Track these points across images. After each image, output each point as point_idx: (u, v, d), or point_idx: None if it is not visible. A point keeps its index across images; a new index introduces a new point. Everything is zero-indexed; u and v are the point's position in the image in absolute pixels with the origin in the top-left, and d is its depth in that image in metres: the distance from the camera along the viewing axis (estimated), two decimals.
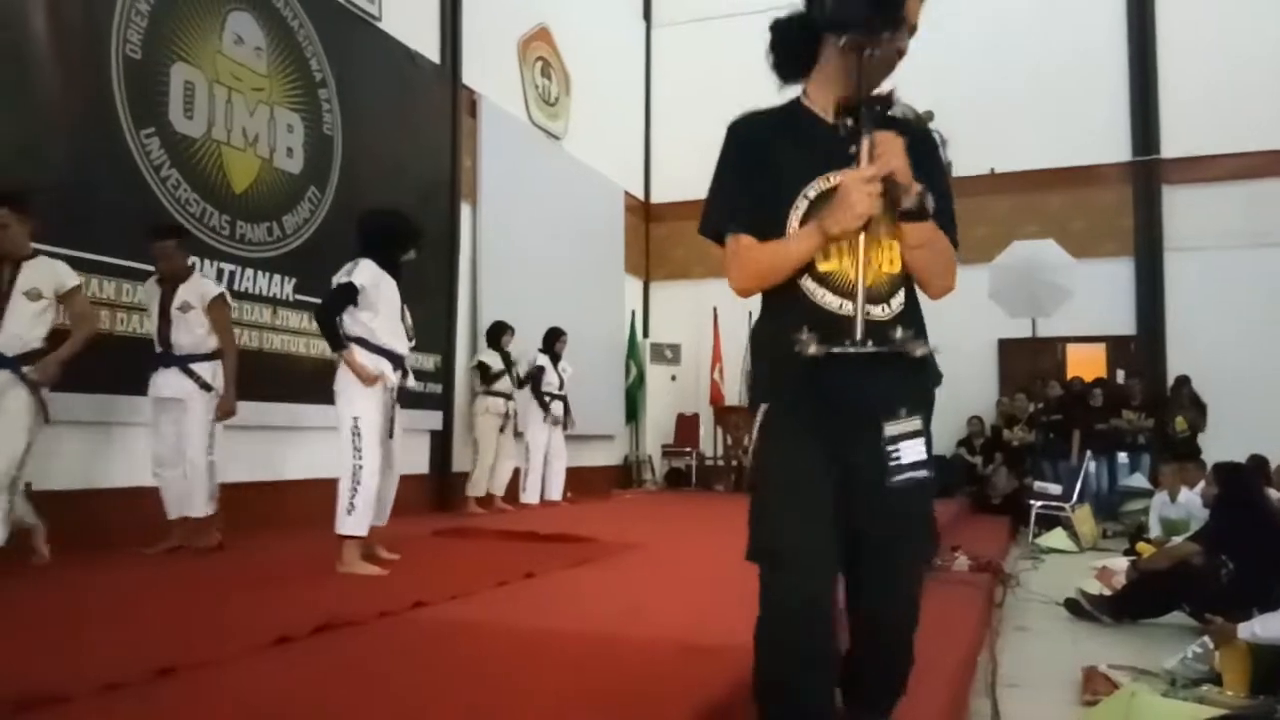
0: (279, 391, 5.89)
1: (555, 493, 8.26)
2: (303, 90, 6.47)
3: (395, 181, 7.31)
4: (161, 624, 2.99)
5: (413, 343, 4.53)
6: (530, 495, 7.96)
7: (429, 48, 7.96)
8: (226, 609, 3.25)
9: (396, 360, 4.31)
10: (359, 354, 4.16)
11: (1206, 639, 3.57)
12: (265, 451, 5.93)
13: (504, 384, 7.60)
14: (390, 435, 4.30)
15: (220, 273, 5.68)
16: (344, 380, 4.16)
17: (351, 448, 4.06)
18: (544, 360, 8.08)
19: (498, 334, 7.69)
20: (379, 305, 4.22)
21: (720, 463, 11.37)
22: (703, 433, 11.70)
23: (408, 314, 4.49)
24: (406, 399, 7.08)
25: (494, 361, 7.59)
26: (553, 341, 8.15)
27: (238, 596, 3.47)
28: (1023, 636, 4.57)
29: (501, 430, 7.61)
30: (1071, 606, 4.94)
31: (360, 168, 6.88)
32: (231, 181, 5.84)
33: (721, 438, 11.31)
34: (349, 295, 4.16)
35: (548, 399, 8.03)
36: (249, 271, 5.90)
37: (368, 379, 4.10)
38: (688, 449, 11.65)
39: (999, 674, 3.72)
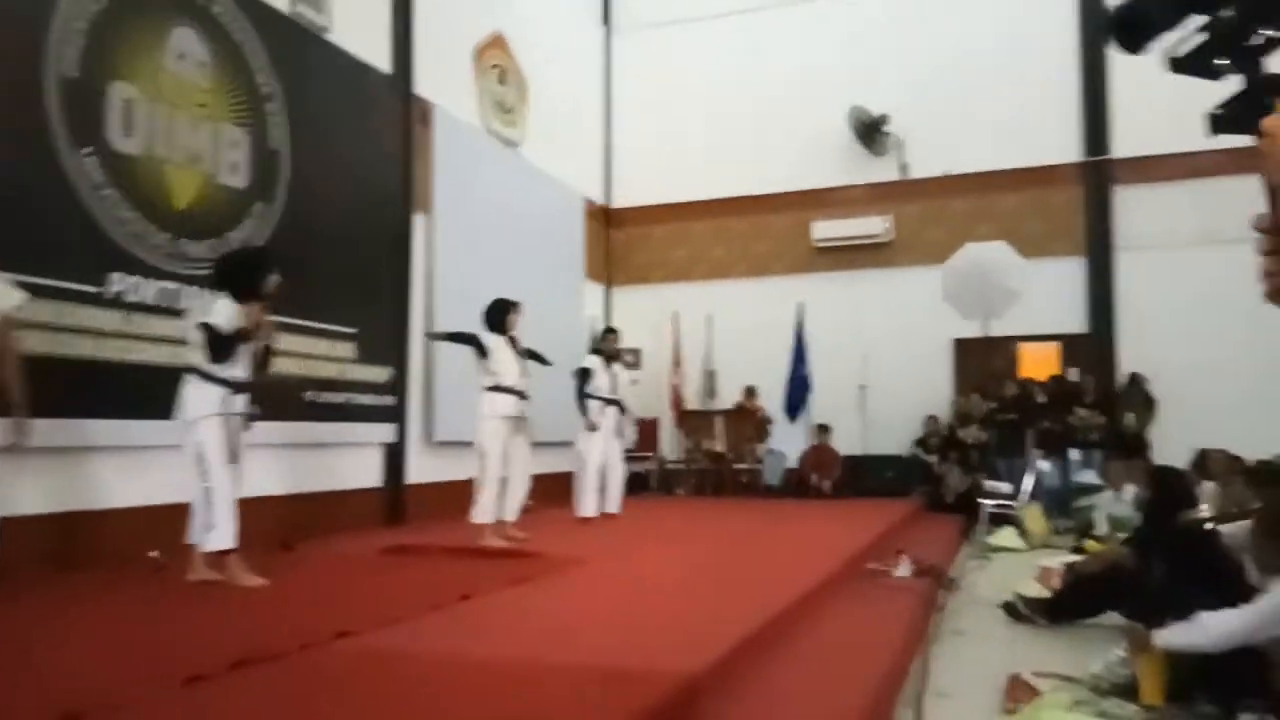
0: None
1: (614, 505, 7.81)
2: (248, 105, 6.43)
3: (346, 194, 7.31)
4: (60, 665, 2.96)
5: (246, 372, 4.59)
6: (586, 508, 7.51)
7: (380, 59, 7.94)
8: (131, 645, 3.21)
9: (234, 388, 4.46)
10: (196, 383, 4.41)
11: None
12: None
13: (515, 379, 6.19)
14: (234, 460, 4.46)
15: (162, 291, 5.64)
16: (185, 408, 4.42)
17: (199, 470, 4.33)
18: (593, 362, 7.68)
19: (502, 314, 6.32)
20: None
21: (682, 466, 11.42)
22: (663, 437, 11.75)
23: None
24: (354, 414, 7.20)
25: (498, 347, 6.21)
26: (603, 340, 7.89)
27: (141, 630, 3.45)
28: (959, 641, 4.64)
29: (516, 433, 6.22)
30: (1009, 610, 5.02)
31: (309, 181, 6.86)
32: (172, 199, 5.80)
33: (682, 442, 11.37)
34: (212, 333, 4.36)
35: (600, 403, 7.59)
36: (192, 289, 5.85)
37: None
38: (648, 454, 11.69)
39: (930, 682, 3.79)
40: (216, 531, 4.31)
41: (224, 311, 4.41)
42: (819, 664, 3.46)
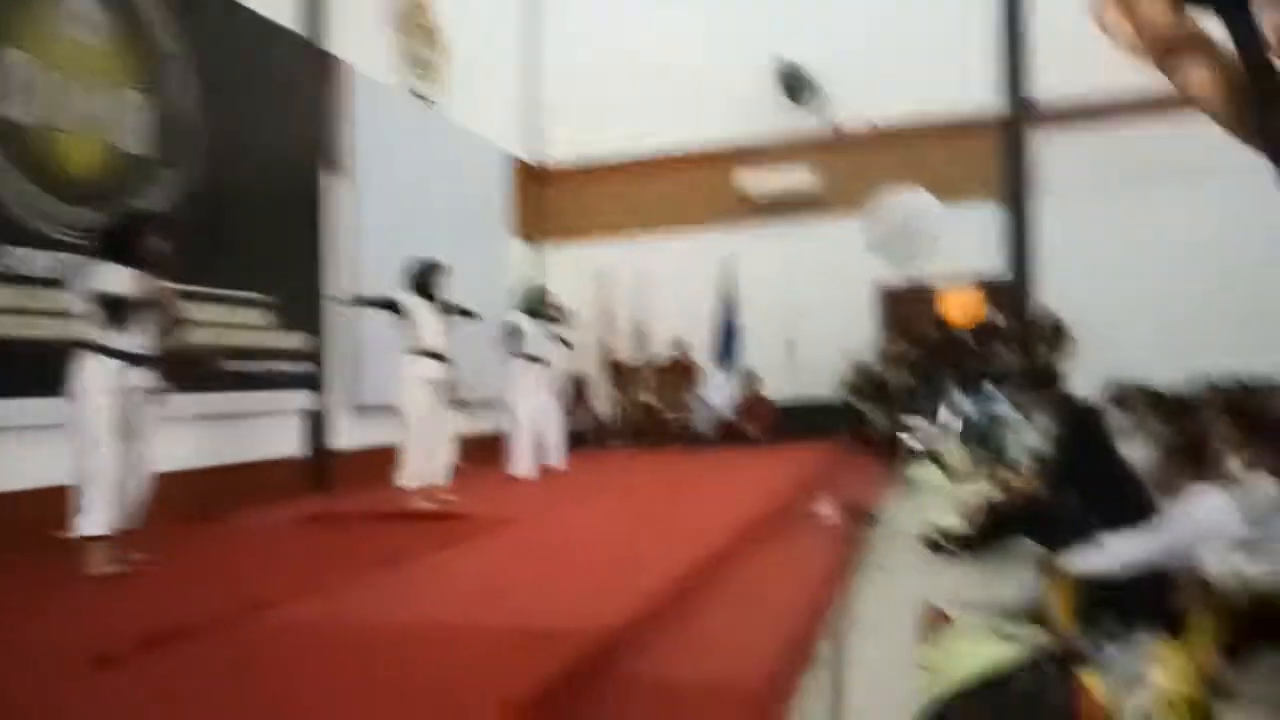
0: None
1: (556, 458, 7.97)
2: (149, 68, 6.14)
3: (257, 157, 7.06)
4: None
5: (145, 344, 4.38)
6: (521, 466, 7.60)
7: (287, 15, 7.63)
8: (34, 630, 3.13)
9: (133, 360, 4.24)
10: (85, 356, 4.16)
11: None
12: None
13: (436, 342, 6.09)
14: (135, 437, 4.25)
15: (61, 263, 5.41)
16: (72, 382, 4.16)
17: (82, 450, 4.08)
18: (523, 320, 7.80)
19: (426, 275, 6.20)
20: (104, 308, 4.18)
21: (615, 421, 11.46)
22: (597, 392, 11.76)
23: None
24: (270, 381, 7.04)
25: (419, 309, 6.08)
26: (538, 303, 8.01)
27: (46, 616, 3.35)
28: (881, 576, 4.79)
29: (446, 401, 6.19)
30: (929, 543, 5.18)
31: (218, 145, 6.59)
32: (70, 167, 5.55)
33: (615, 396, 11.40)
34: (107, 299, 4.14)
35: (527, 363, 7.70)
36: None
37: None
38: (581, 409, 11.69)
39: (852, 616, 3.90)
40: (93, 516, 4.04)
41: (111, 277, 4.16)
42: (742, 607, 3.54)
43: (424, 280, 6.17)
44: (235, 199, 6.78)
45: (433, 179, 9.45)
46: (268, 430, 7.19)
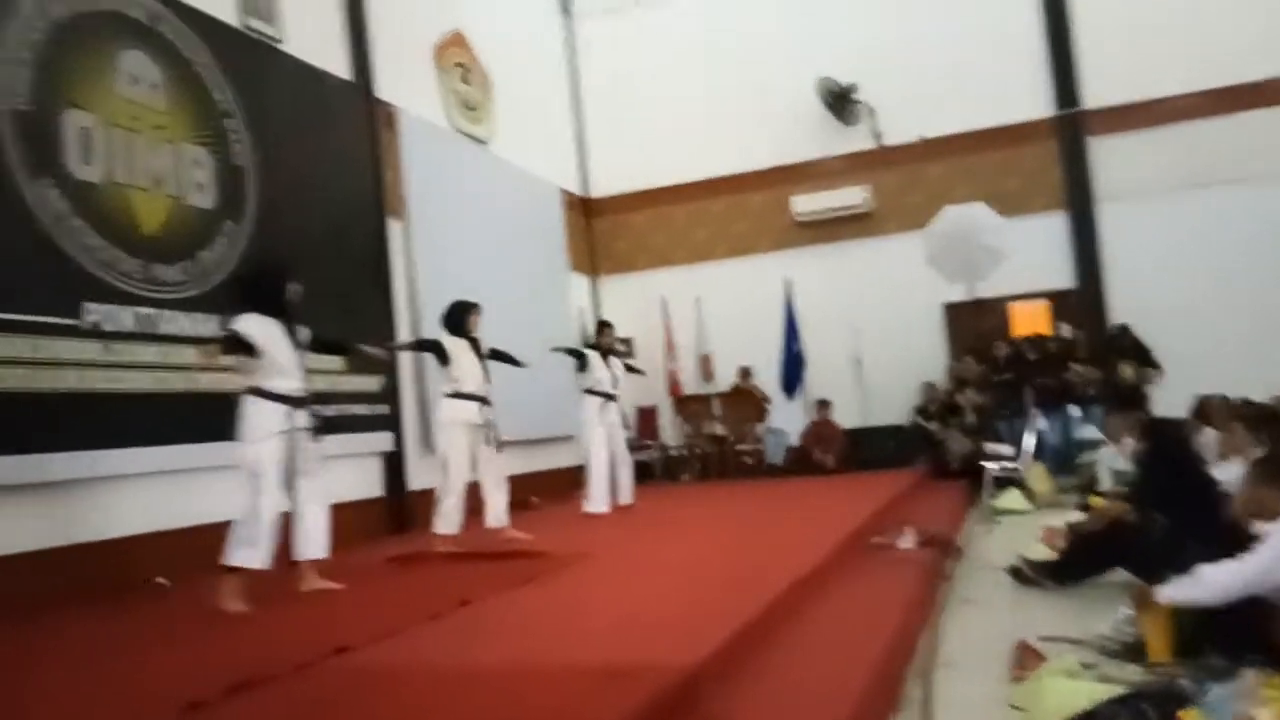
0: (215, 431, 5.76)
1: (626, 496, 7.60)
2: (208, 123, 6.34)
3: (316, 205, 7.22)
4: (60, 697, 2.92)
5: (304, 385, 4.58)
6: (596, 505, 7.33)
7: (338, 65, 7.83)
8: (131, 674, 3.18)
9: (292, 402, 4.43)
10: (250, 401, 4.37)
11: None
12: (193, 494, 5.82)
13: (478, 384, 5.98)
14: (302, 473, 4.47)
15: (137, 317, 5.57)
16: (243, 426, 4.37)
17: (250, 485, 4.27)
18: (592, 354, 7.48)
19: (461, 316, 6.09)
20: (266, 353, 4.37)
21: (684, 453, 11.37)
22: (663, 424, 11.70)
23: (303, 358, 4.60)
24: (350, 424, 7.13)
25: (459, 351, 5.99)
26: (600, 334, 7.69)
27: (142, 658, 3.41)
28: (967, 610, 4.60)
29: (485, 443, 5.98)
30: (1015, 574, 4.98)
31: (278, 195, 6.77)
32: (140, 224, 5.72)
33: (682, 427, 11.32)
34: (235, 343, 4.34)
35: (601, 398, 7.40)
36: (168, 313, 5.79)
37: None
38: (649, 442, 11.64)
39: (939, 653, 3.75)
40: (250, 550, 4.20)
41: (250, 325, 4.37)
42: (824, 644, 3.42)
43: (460, 321, 6.08)
44: (298, 247, 6.90)
45: (488, 217, 9.57)
46: (350, 472, 7.28)
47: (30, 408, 4.90)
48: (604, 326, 7.73)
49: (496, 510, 6.04)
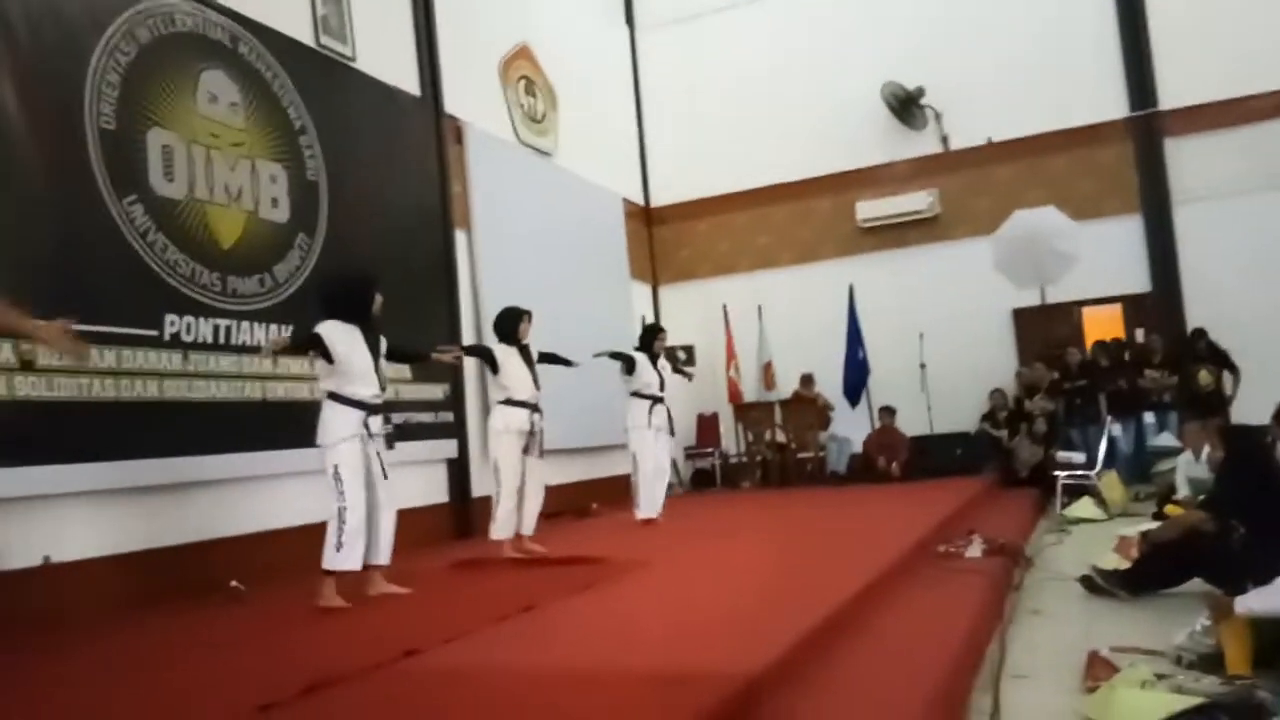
0: (288, 438, 5.95)
1: (656, 502, 7.42)
2: (283, 140, 6.55)
3: (385, 218, 7.39)
4: (137, 699, 3.03)
5: (384, 391, 4.77)
6: (646, 509, 7.25)
7: (408, 81, 8.03)
8: (207, 676, 3.29)
9: (367, 408, 4.59)
10: (330, 407, 4.55)
11: None
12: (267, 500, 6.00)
13: (529, 392, 6.03)
14: (371, 479, 4.61)
15: (216, 329, 5.78)
16: (321, 431, 4.54)
17: (335, 490, 4.44)
18: (640, 357, 7.31)
19: (512, 323, 6.11)
20: (346, 360, 4.54)
21: (744, 460, 11.34)
22: (724, 431, 11.68)
23: (383, 366, 4.80)
24: (416, 432, 7.28)
25: (509, 358, 6.04)
26: (651, 339, 7.47)
27: (218, 661, 3.53)
28: (1037, 620, 4.51)
29: (526, 451, 6.02)
30: (1087, 584, 4.87)
31: (348, 209, 6.96)
32: (218, 238, 5.94)
33: (743, 434, 11.29)
34: (315, 344, 4.52)
35: (649, 401, 7.27)
36: (244, 324, 5.99)
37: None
38: (710, 449, 11.64)
39: (1007, 664, 3.69)
40: (344, 552, 4.39)
41: (332, 330, 4.55)
42: (888, 653, 3.39)
43: (511, 328, 6.10)
44: (367, 259, 7.06)
45: (551, 227, 9.68)
46: (416, 478, 7.42)
47: (116, 416, 5.12)
48: (655, 330, 7.60)
49: (526, 518, 6.09)
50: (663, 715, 2.38)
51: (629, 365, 7.23)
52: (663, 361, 7.50)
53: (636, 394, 7.30)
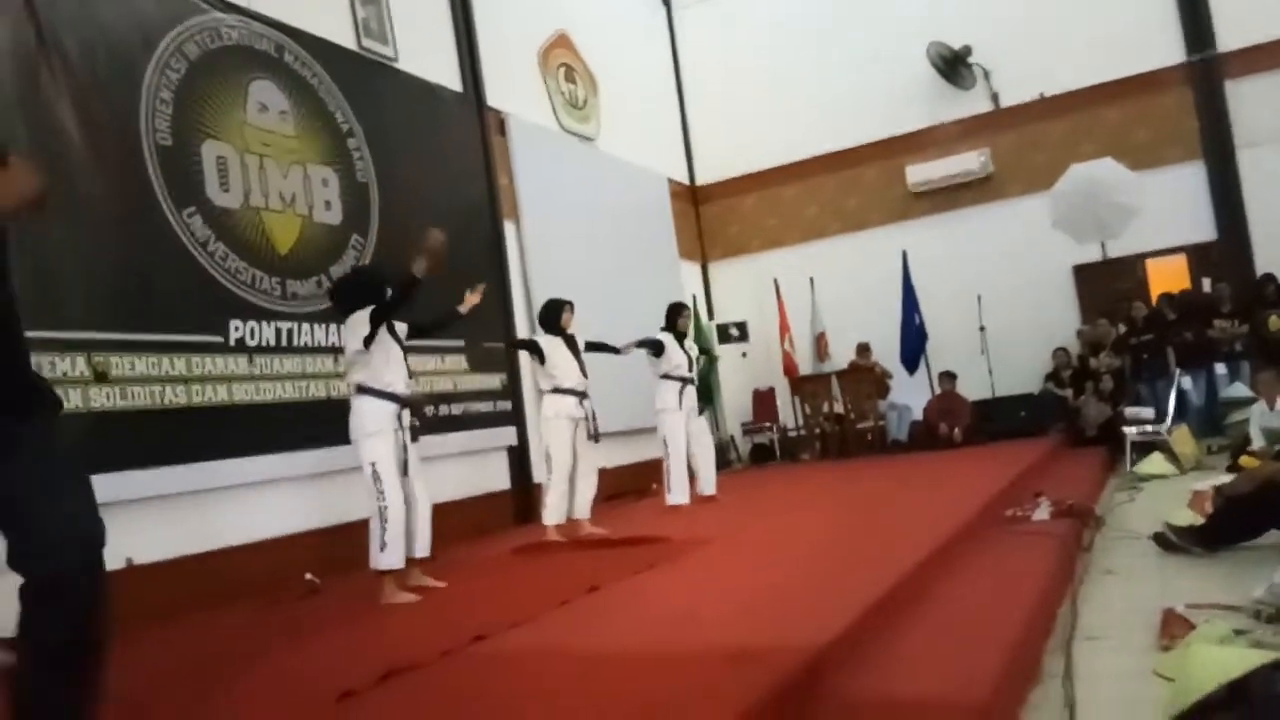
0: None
1: (708, 487, 7.30)
2: (332, 144, 6.68)
3: (433, 214, 7.43)
4: (222, 694, 3.14)
5: (414, 382, 4.75)
6: (677, 495, 6.97)
7: (449, 78, 8.11)
8: (286, 668, 3.40)
9: (401, 402, 4.57)
10: (363, 400, 4.52)
11: None
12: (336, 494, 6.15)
13: (576, 380, 6.13)
14: (405, 473, 4.55)
15: (278, 332, 5.93)
16: (355, 427, 4.53)
17: (374, 489, 4.42)
18: (667, 338, 7.12)
19: (555, 314, 6.24)
20: (374, 353, 4.51)
21: (802, 432, 11.30)
22: (780, 405, 11.64)
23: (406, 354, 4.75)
24: (475, 421, 7.40)
25: (554, 348, 6.14)
26: (675, 317, 7.24)
27: (295, 653, 3.65)
28: (1109, 581, 4.44)
29: (587, 437, 6.14)
30: (1160, 541, 4.78)
31: (398, 207, 7.08)
32: (275, 244, 6.09)
33: (800, 407, 11.24)
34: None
35: (679, 383, 7.08)
36: (305, 326, 6.15)
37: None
38: (768, 424, 11.62)
39: (1079, 626, 3.65)
40: (389, 551, 4.38)
41: (365, 321, 4.49)
42: (956, 621, 3.37)
43: (554, 318, 6.20)
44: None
45: (597, 212, 9.72)
46: (477, 467, 7.56)
47: (189, 421, 5.30)
48: (680, 309, 7.37)
49: (581, 502, 6.14)
50: (730, 692, 2.40)
51: (657, 349, 7.07)
52: (690, 341, 7.35)
53: (666, 376, 7.11)
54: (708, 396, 11.21)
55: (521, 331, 8.23)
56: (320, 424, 6.02)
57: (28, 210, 1.93)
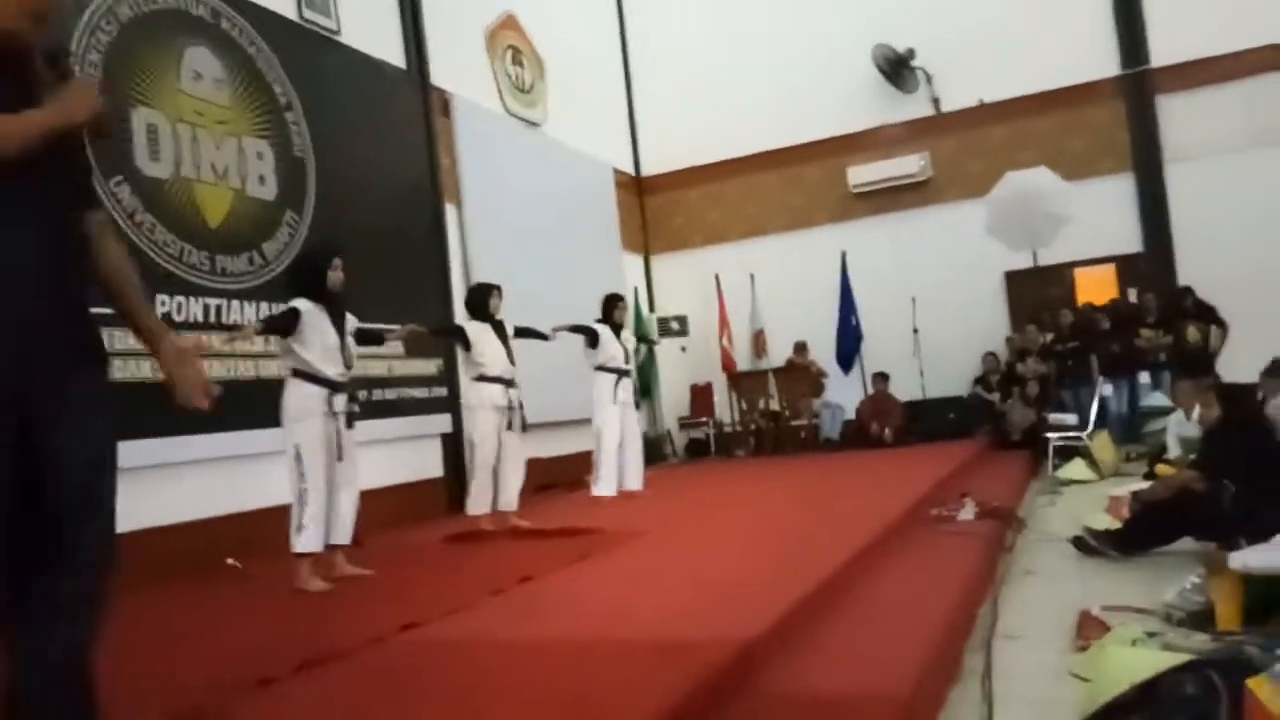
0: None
1: (634, 481, 7.21)
2: (269, 116, 6.50)
3: (373, 193, 7.36)
4: (145, 673, 3.05)
5: (350, 369, 4.65)
6: (603, 487, 6.97)
7: (393, 54, 7.95)
8: (207, 652, 3.31)
9: (333, 386, 4.50)
10: (292, 384, 4.48)
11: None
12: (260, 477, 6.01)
13: (503, 367, 6.01)
14: (340, 457, 4.51)
15: (206, 308, 5.76)
16: (283, 409, 4.47)
17: (295, 471, 4.38)
18: (603, 329, 7.02)
19: (482, 299, 6.09)
20: (309, 337, 4.45)
21: (738, 428, 11.39)
22: (717, 400, 11.72)
23: (350, 344, 4.66)
24: (409, 407, 7.29)
25: (481, 335, 5.99)
26: (611, 309, 7.14)
27: (217, 637, 3.57)
28: (1029, 581, 4.56)
29: (509, 427, 6.00)
30: (1079, 544, 4.92)
31: (336, 185, 6.93)
32: (206, 217, 5.91)
33: (737, 403, 11.32)
34: (270, 324, 4.55)
35: (615, 375, 7.01)
36: (234, 303, 5.98)
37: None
38: (704, 419, 11.68)
39: (999, 624, 3.73)
40: (305, 534, 4.33)
41: (305, 309, 4.47)
42: (881, 617, 3.43)
43: (481, 304, 6.06)
44: (357, 234, 7.01)
45: (541, 199, 9.64)
46: (410, 454, 7.45)
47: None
48: (616, 300, 7.28)
49: (508, 494, 6.05)
50: (660, 683, 2.41)
51: (592, 339, 6.98)
52: (626, 333, 7.26)
53: (601, 368, 7.03)
54: (646, 389, 11.27)
55: (459, 316, 8.12)
56: (248, 404, 5.86)
57: (92, 131, 1.87)
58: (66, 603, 1.81)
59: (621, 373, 7.08)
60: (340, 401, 4.51)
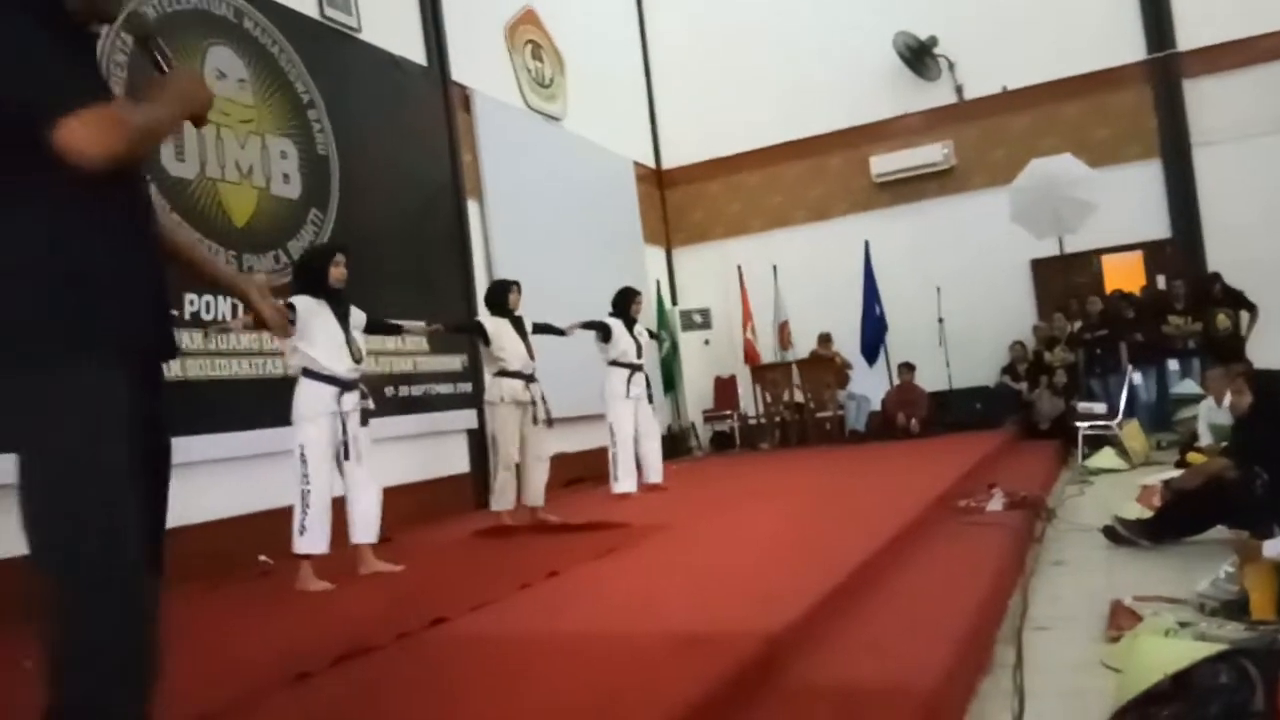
0: None
1: (654, 475, 7.22)
2: (292, 114, 6.55)
3: (396, 189, 7.39)
4: (182, 671, 3.08)
5: (359, 362, 4.63)
6: (624, 483, 6.95)
7: (414, 50, 7.98)
8: (243, 649, 3.36)
9: (342, 384, 4.49)
10: (301, 383, 4.47)
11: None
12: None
13: (523, 362, 6.02)
14: (347, 457, 4.50)
15: (234, 307, 5.80)
16: (293, 408, 4.46)
17: (299, 471, 4.36)
18: (616, 324, 7.02)
19: (501, 295, 6.10)
20: (313, 333, 4.44)
21: (763, 421, 11.36)
22: (741, 393, 11.69)
23: (357, 338, 4.64)
24: (435, 403, 7.32)
25: (500, 330, 6.01)
26: (627, 304, 7.12)
27: (252, 634, 3.61)
28: (1059, 572, 4.52)
29: (532, 421, 6.01)
30: (1109, 534, 4.87)
31: (359, 182, 6.97)
32: (232, 216, 5.96)
33: (761, 396, 11.29)
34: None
35: (627, 370, 7.01)
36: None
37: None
38: (728, 412, 11.66)
39: (1029, 615, 3.71)
40: (307, 536, 4.35)
41: (297, 304, 4.46)
42: (909, 609, 3.41)
43: (500, 299, 6.07)
44: (380, 231, 7.10)
45: (562, 193, 9.65)
46: (436, 449, 7.49)
47: None
48: (632, 294, 7.27)
49: (533, 489, 6.03)
50: (685, 676, 2.41)
51: (604, 333, 6.96)
52: (639, 328, 7.22)
53: (614, 362, 7.02)
54: (670, 383, 11.27)
55: (482, 311, 8.15)
56: (278, 402, 5.91)
57: (198, 122, 1.92)
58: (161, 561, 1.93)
59: (634, 367, 7.06)
60: (351, 400, 4.51)
